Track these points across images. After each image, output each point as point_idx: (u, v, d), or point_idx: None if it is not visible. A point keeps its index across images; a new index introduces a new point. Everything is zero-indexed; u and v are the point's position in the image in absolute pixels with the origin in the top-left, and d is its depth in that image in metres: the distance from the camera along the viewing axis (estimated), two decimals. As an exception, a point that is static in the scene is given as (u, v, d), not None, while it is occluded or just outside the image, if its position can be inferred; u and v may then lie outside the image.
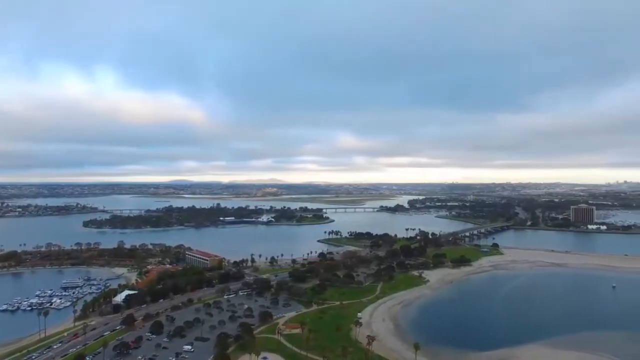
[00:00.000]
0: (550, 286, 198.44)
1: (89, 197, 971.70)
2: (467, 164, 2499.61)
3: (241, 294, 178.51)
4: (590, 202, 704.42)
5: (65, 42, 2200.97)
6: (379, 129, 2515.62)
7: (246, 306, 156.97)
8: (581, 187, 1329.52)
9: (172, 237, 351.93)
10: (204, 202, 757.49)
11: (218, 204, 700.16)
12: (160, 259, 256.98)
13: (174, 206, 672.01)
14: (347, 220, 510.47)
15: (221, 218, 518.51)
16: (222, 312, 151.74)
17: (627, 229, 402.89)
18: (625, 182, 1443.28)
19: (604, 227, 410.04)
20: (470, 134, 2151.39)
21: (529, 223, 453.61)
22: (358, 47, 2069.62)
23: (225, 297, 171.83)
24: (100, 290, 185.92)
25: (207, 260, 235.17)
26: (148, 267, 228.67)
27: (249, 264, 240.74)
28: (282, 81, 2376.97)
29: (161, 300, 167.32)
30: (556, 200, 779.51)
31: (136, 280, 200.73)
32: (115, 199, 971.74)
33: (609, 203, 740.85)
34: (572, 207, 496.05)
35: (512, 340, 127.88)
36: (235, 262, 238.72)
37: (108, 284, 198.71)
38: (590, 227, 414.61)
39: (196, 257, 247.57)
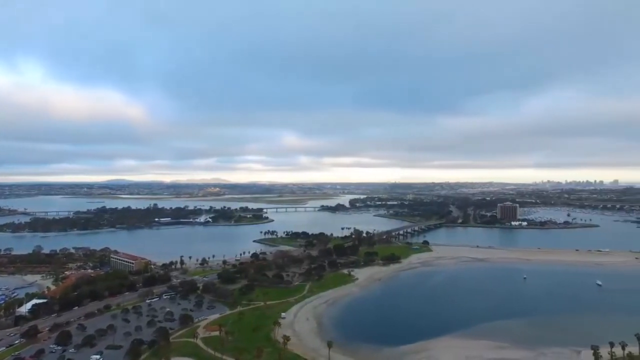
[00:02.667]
0: (471, 280, 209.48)
1: (10, 199, 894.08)
2: (409, 164, 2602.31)
3: (165, 297, 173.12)
4: (517, 200, 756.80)
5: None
6: (323, 130, 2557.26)
7: (168, 310, 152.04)
8: (511, 187, 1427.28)
9: (101, 240, 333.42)
10: (141, 203, 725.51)
11: (155, 205, 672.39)
12: (81, 263, 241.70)
13: (108, 207, 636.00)
14: (287, 220, 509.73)
15: (156, 219, 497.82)
16: (141, 317, 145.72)
17: (543, 225, 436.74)
18: (549, 181, 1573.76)
19: (524, 223, 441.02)
20: (411, 136, 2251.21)
21: (460, 220, 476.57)
22: (302, 49, 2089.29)
23: (147, 301, 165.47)
24: (2, 302, 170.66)
25: (132, 263, 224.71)
26: (66, 273, 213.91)
27: (178, 265, 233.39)
28: (225, 80, 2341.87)
29: (75, 308, 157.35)
30: (488, 198, 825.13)
31: (47, 288, 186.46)
32: (43, 200, 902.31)
33: (533, 201, 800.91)
34: (498, 205, 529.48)
35: (429, 333, 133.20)
36: (163, 265, 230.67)
37: (15, 294, 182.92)
38: (513, 223, 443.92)
39: (121, 260, 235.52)
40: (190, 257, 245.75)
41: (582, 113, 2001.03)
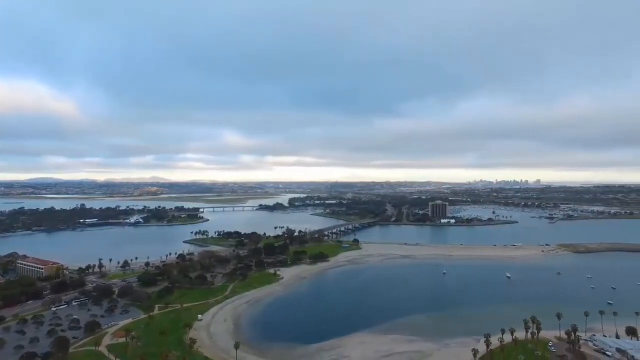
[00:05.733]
0: (394, 277, 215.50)
1: None
2: (351, 164, 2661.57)
3: (75, 304, 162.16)
4: (450, 198, 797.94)
5: None
6: (266, 129, 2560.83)
7: (74, 317, 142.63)
8: (447, 186, 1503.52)
9: (11, 245, 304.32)
10: (68, 203, 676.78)
11: (83, 205, 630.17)
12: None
13: (27, 208, 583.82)
14: (223, 219, 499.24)
15: (82, 220, 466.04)
16: (42, 327, 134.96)
17: (469, 222, 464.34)
18: (481, 181, 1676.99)
19: (453, 221, 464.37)
20: (351, 136, 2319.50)
21: (393, 219, 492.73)
22: (242, 49, 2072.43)
23: (54, 309, 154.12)
24: None
25: (42, 268, 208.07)
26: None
27: (97, 269, 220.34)
28: (163, 78, 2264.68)
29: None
30: (423, 197, 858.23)
31: None
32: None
33: (464, 199, 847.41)
34: (430, 203, 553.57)
35: (343, 330, 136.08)
36: (80, 269, 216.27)
37: None
38: (443, 221, 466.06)
39: (30, 266, 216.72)
40: (110, 260, 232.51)
41: (509, 118, 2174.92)
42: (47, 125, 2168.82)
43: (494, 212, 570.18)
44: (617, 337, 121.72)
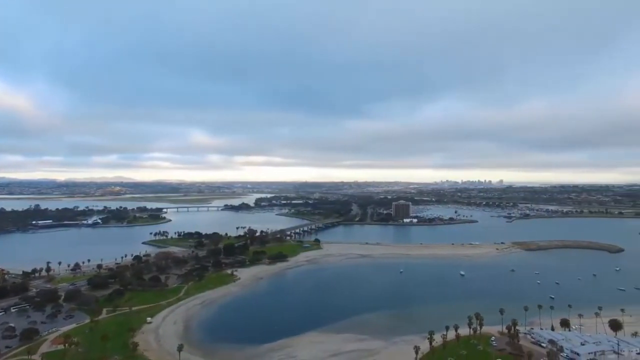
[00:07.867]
0: (351, 276, 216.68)
1: None
2: (320, 164, 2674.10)
3: (13, 310, 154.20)
4: (416, 198, 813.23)
5: None
6: (233, 128, 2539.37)
7: (10, 325, 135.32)
8: (414, 186, 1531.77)
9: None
10: (22, 203, 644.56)
11: (37, 205, 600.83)
12: None
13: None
14: (187, 219, 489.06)
15: (34, 222, 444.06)
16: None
17: (431, 221, 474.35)
18: (447, 181, 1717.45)
19: (415, 220, 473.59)
20: (320, 136, 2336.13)
21: (357, 219, 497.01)
22: (211, 47, 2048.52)
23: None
24: None
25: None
26: None
27: (44, 273, 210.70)
28: (129, 74, 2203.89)
29: None
30: (389, 197, 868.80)
31: None
32: None
33: (429, 199, 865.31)
34: (393, 203, 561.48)
35: (296, 330, 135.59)
36: (24, 273, 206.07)
37: None
38: (405, 220, 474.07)
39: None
40: (59, 263, 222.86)
41: (473, 120, 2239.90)
42: (1, 122, 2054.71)
43: (456, 212, 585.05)
44: (552, 329, 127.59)
